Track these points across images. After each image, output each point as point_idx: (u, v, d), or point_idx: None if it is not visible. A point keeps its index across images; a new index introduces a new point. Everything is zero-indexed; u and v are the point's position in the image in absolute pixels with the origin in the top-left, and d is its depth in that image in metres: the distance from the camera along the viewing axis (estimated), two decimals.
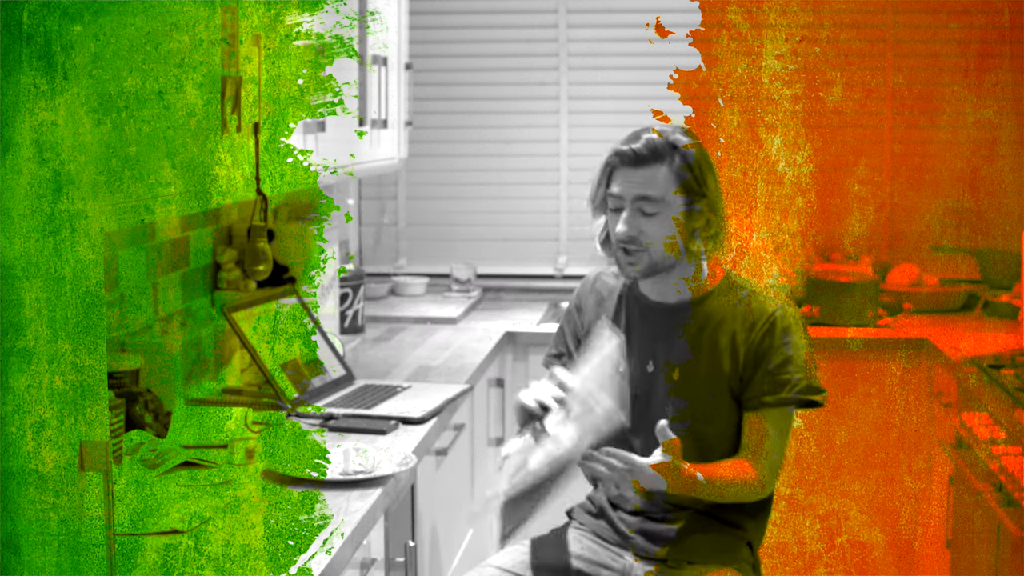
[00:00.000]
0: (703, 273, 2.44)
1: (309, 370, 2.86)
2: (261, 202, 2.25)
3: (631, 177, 2.35)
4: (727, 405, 2.39)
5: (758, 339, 2.37)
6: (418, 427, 2.63)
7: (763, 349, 2.36)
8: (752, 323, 2.38)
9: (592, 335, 2.40)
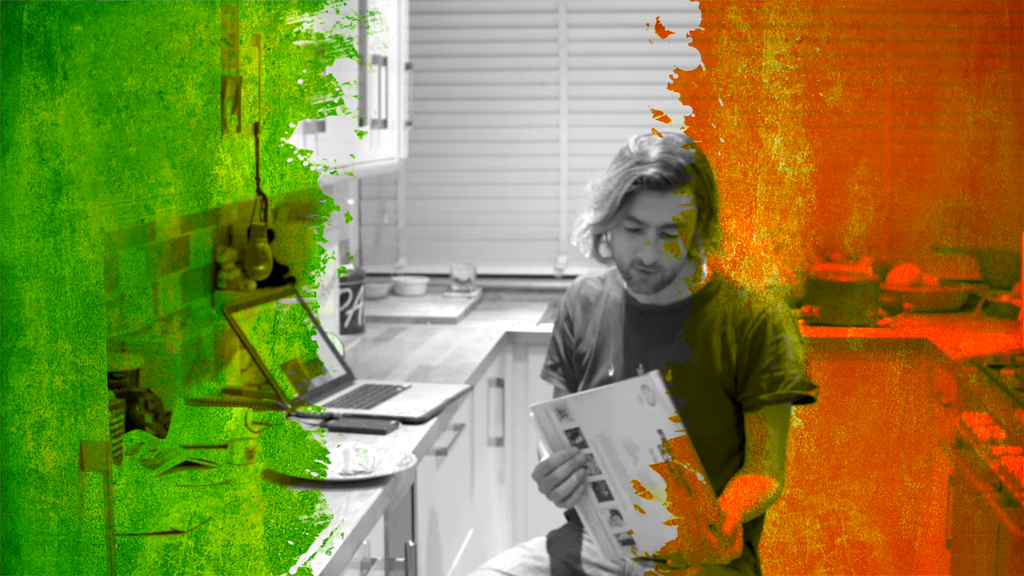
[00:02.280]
0: (698, 275, 2.45)
1: (309, 370, 2.86)
2: (261, 202, 2.25)
3: (657, 205, 2.30)
4: (723, 405, 2.39)
5: (750, 338, 2.37)
6: (418, 427, 2.63)
7: (756, 347, 2.36)
8: (743, 322, 2.38)
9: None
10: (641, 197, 2.30)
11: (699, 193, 2.32)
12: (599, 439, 2.12)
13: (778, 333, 2.37)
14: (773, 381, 2.35)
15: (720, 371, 2.38)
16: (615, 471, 2.13)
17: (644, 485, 2.11)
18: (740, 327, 2.38)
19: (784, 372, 2.35)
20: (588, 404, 2.13)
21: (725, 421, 2.39)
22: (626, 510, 2.15)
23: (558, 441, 2.17)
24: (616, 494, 2.15)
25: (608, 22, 4.47)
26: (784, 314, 2.41)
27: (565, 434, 2.15)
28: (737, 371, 2.38)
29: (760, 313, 2.38)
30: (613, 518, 2.17)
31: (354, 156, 3.06)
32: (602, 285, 2.56)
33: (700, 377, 2.39)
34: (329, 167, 2.60)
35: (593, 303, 2.55)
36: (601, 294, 2.55)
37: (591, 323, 2.53)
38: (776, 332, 2.37)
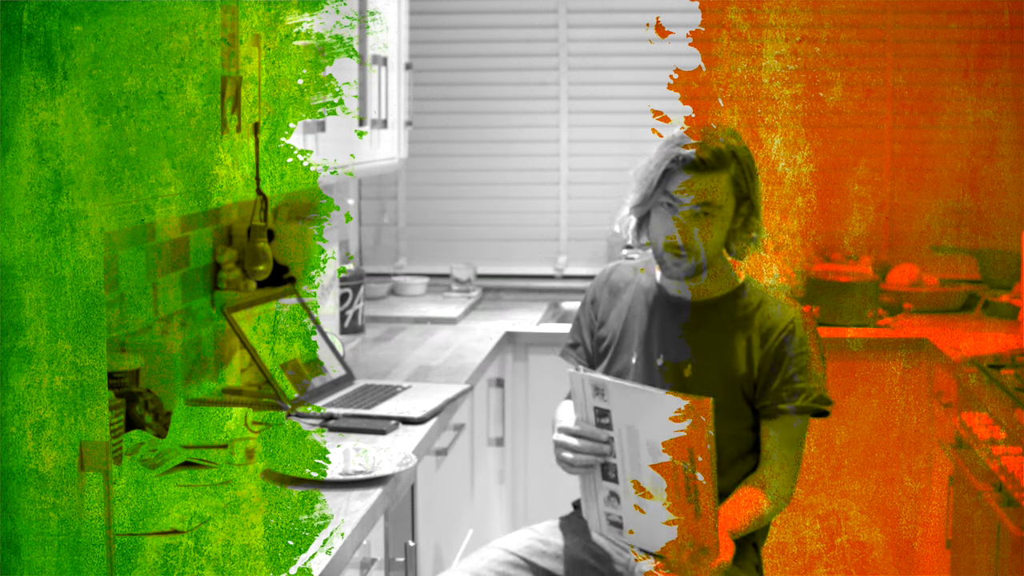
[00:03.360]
0: (732, 274, 2.46)
1: (309, 370, 2.86)
2: (261, 202, 2.25)
3: (694, 183, 2.33)
4: (740, 407, 2.40)
5: (775, 347, 2.38)
6: (418, 427, 2.63)
7: (780, 357, 2.38)
8: (769, 329, 2.40)
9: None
10: (677, 175, 2.34)
11: (736, 181, 2.35)
12: (626, 429, 2.18)
13: (803, 345, 2.39)
14: (793, 392, 2.37)
15: (741, 374, 2.39)
16: (630, 463, 2.17)
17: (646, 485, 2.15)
18: (766, 334, 2.40)
19: (805, 385, 2.37)
20: (628, 396, 2.18)
21: (740, 423, 2.40)
22: (626, 497, 2.19)
23: (584, 412, 2.23)
24: (622, 480, 2.20)
25: (608, 22, 4.47)
26: (810, 327, 2.42)
27: (594, 411, 2.19)
28: (758, 377, 2.39)
29: (788, 323, 2.40)
30: (610, 499, 2.23)
31: (354, 156, 3.06)
32: (634, 273, 2.57)
33: (719, 377, 2.40)
34: (329, 167, 2.60)
35: (622, 289, 2.56)
36: (632, 281, 2.56)
37: (616, 308, 2.54)
38: (801, 344, 2.39)
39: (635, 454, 2.16)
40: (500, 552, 2.43)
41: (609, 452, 2.20)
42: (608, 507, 2.24)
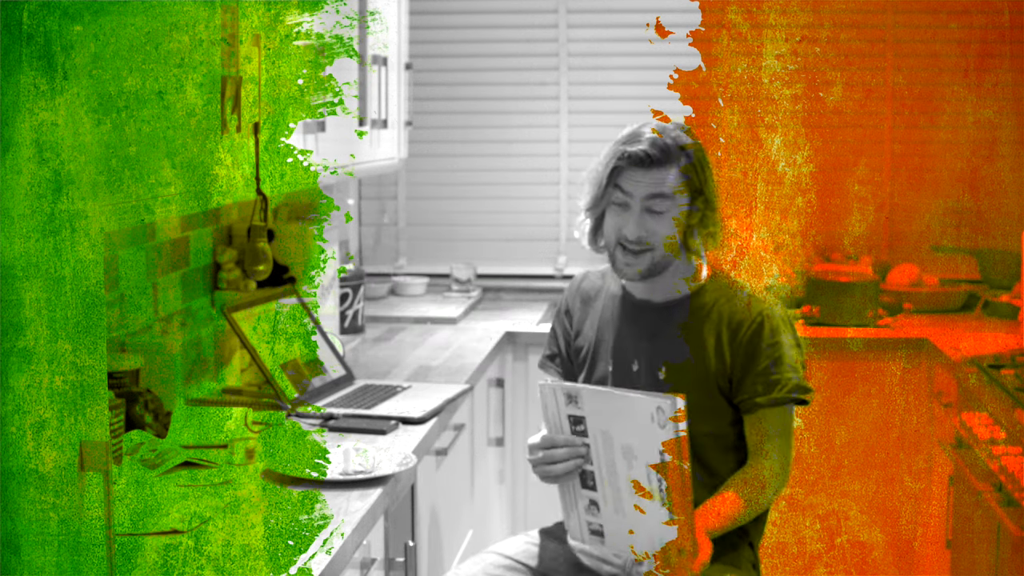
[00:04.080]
0: (698, 271, 2.45)
1: (309, 370, 2.86)
2: (261, 202, 2.25)
3: (641, 178, 2.33)
4: (718, 404, 2.39)
5: (746, 340, 2.37)
6: (418, 427, 2.63)
7: (752, 350, 2.36)
8: (739, 323, 2.38)
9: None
10: (626, 172, 2.35)
11: (687, 174, 2.33)
12: (601, 434, 2.15)
13: (775, 336, 2.37)
14: (769, 384, 2.35)
15: (714, 371, 2.38)
16: (607, 469, 2.16)
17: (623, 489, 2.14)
18: (736, 328, 2.38)
19: (780, 376, 2.35)
20: (601, 400, 2.16)
21: (720, 420, 2.39)
22: (604, 505, 2.19)
23: (557, 423, 2.21)
24: (600, 487, 2.19)
25: (608, 22, 4.47)
26: (781, 317, 2.40)
27: (568, 419, 2.18)
28: (731, 372, 2.37)
29: (757, 315, 2.38)
30: (590, 507, 2.22)
31: (354, 156, 3.06)
32: (602, 280, 2.56)
33: (694, 376, 2.39)
34: (329, 167, 2.60)
35: (593, 297, 2.55)
36: (601, 288, 2.55)
37: (590, 317, 2.54)
38: (773, 335, 2.37)
39: (611, 459, 2.14)
40: (496, 556, 2.43)
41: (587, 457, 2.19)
42: (589, 515, 2.22)
